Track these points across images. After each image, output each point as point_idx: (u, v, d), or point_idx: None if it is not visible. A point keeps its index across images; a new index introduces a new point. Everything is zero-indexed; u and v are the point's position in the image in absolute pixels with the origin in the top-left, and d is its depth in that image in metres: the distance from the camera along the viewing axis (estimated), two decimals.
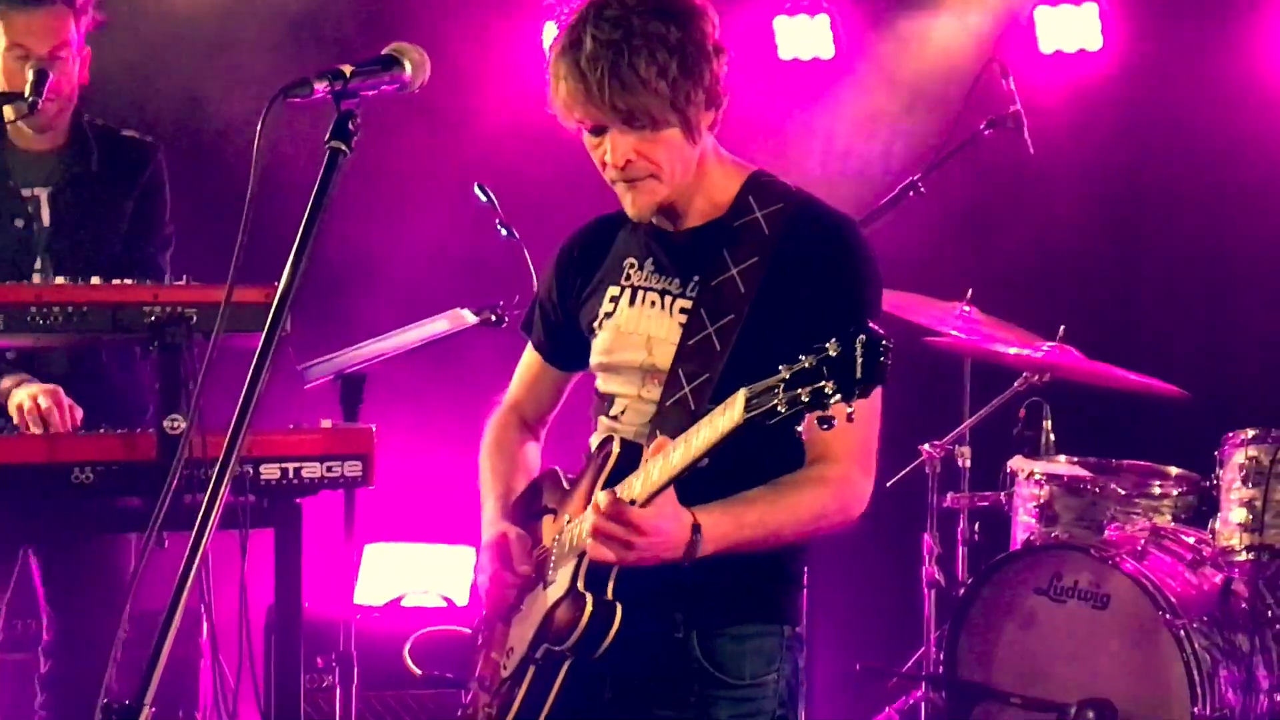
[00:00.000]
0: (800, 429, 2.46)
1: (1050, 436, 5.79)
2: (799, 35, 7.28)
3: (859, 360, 2.37)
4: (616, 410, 3.07)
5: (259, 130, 2.59)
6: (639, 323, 3.05)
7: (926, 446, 5.91)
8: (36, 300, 3.78)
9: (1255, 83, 6.75)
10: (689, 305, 2.98)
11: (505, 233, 5.19)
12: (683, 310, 2.99)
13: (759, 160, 3.13)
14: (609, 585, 2.83)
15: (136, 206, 4.53)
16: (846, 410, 2.40)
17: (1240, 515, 5.16)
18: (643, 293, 3.06)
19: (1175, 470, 5.58)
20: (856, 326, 2.40)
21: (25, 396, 4.07)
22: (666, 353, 2.98)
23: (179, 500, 2.65)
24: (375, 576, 6.14)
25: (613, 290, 3.11)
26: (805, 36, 7.28)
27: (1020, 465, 5.67)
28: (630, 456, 2.88)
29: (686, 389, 2.91)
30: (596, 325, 3.12)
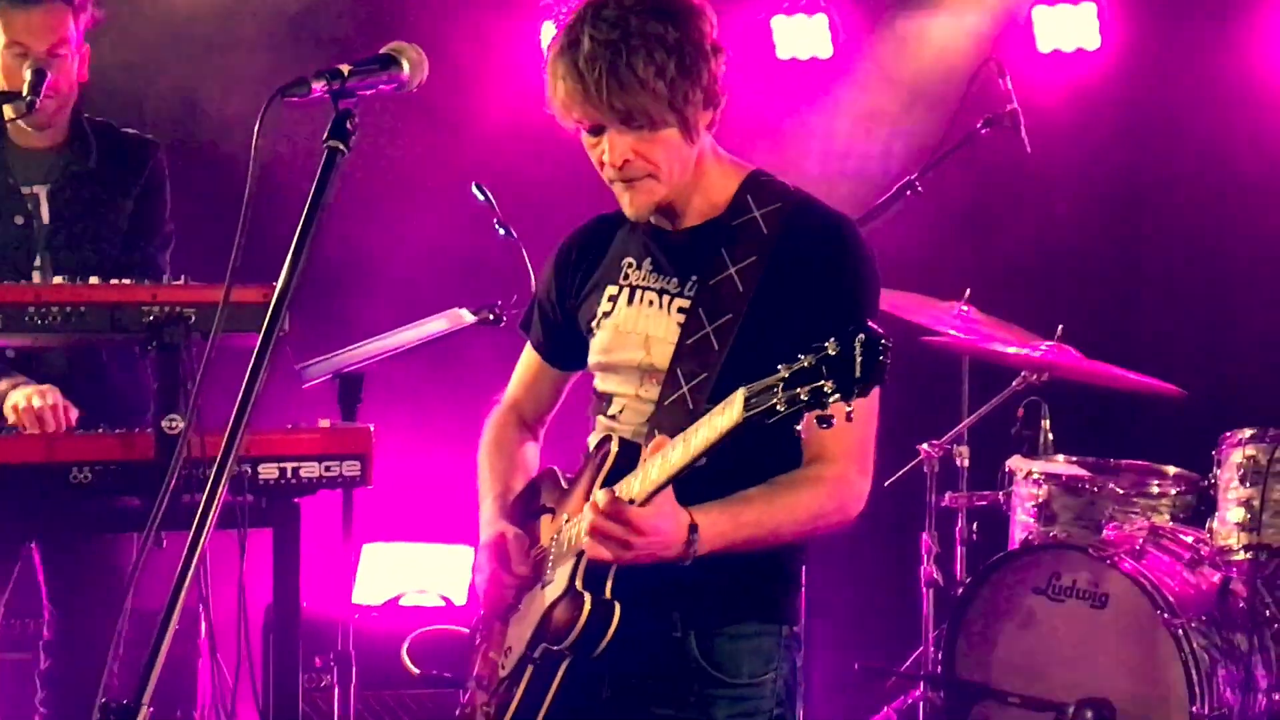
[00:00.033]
0: (799, 428, 2.46)
1: (1048, 436, 5.79)
2: (797, 35, 7.27)
3: (858, 360, 2.37)
4: (615, 410, 3.07)
5: (257, 130, 2.59)
6: (637, 322, 3.05)
7: (925, 446, 5.90)
8: (35, 300, 3.78)
9: (1253, 82, 6.75)
10: (687, 305, 2.98)
11: (503, 232, 5.19)
12: (681, 310, 2.99)
13: (757, 160, 3.13)
14: (607, 584, 2.83)
15: (136, 205, 4.53)
16: (845, 409, 2.40)
17: (1238, 514, 5.16)
18: (641, 292, 3.06)
19: (1173, 470, 5.58)
20: (856, 326, 2.39)
21: (21, 397, 4.07)
22: (665, 352, 2.98)
23: (177, 500, 2.65)
24: (373, 576, 6.14)
25: (611, 290, 3.11)
26: (803, 36, 7.27)
27: (1018, 465, 5.66)
28: (629, 456, 2.87)
29: (685, 388, 2.91)
30: (595, 324, 3.12)
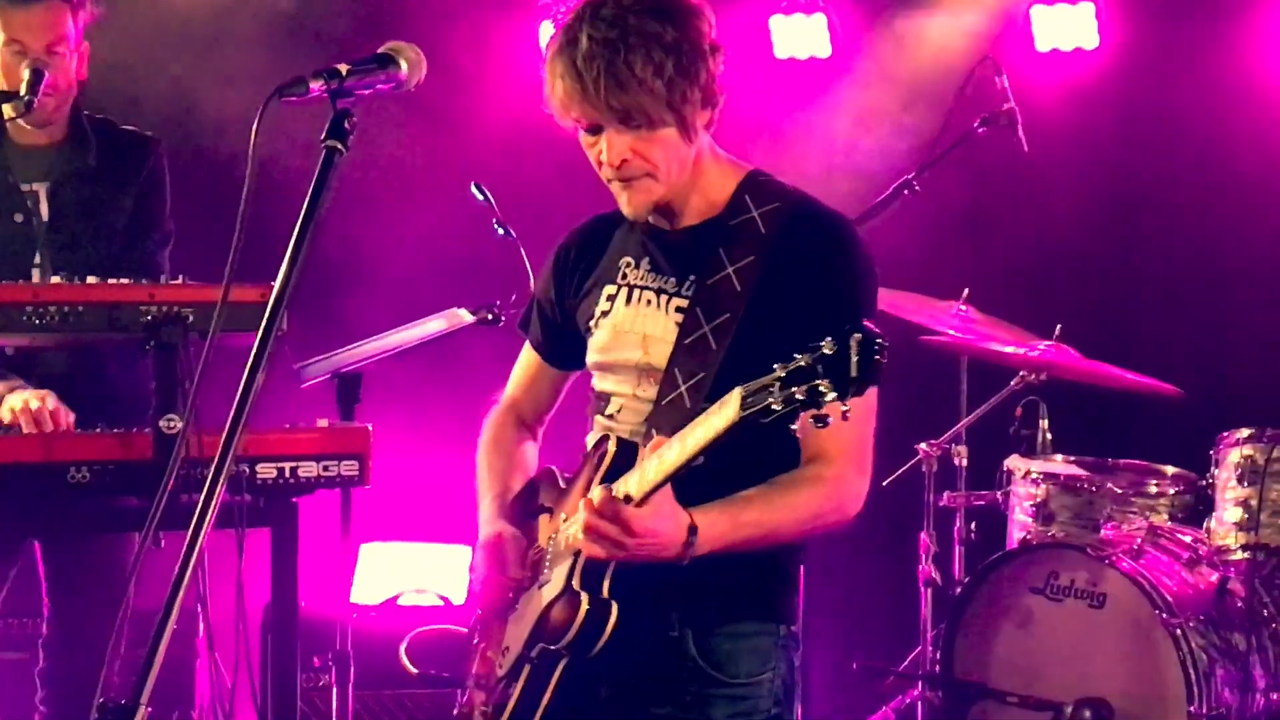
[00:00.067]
0: (795, 427, 2.46)
1: (1047, 435, 5.79)
2: (795, 34, 7.28)
3: (854, 359, 2.37)
4: (613, 409, 3.07)
5: (254, 129, 2.59)
6: (635, 321, 3.05)
7: (923, 445, 5.90)
8: (33, 300, 3.77)
9: (1251, 81, 6.76)
10: (685, 304, 2.98)
11: (502, 232, 5.19)
12: (679, 309, 2.99)
13: (755, 160, 3.13)
14: (604, 584, 2.83)
15: (136, 202, 4.53)
16: (841, 409, 2.40)
17: (1236, 514, 5.16)
18: (639, 291, 3.06)
19: (1171, 469, 5.59)
20: (852, 325, 2.40)
21: (19, 400, 4.07)
22: (662, 351, 2.98)
23: (175, 499, 2.65)
24: (371, 576, 6.14)
25: (609, 289, 3.11)
26: (801, 35, 7.27)
27: (1017, 464, 5.67)
28: (626, 455, 2.87)
29: (682, 388, 2.92)
30: (593, 324, 3.12)
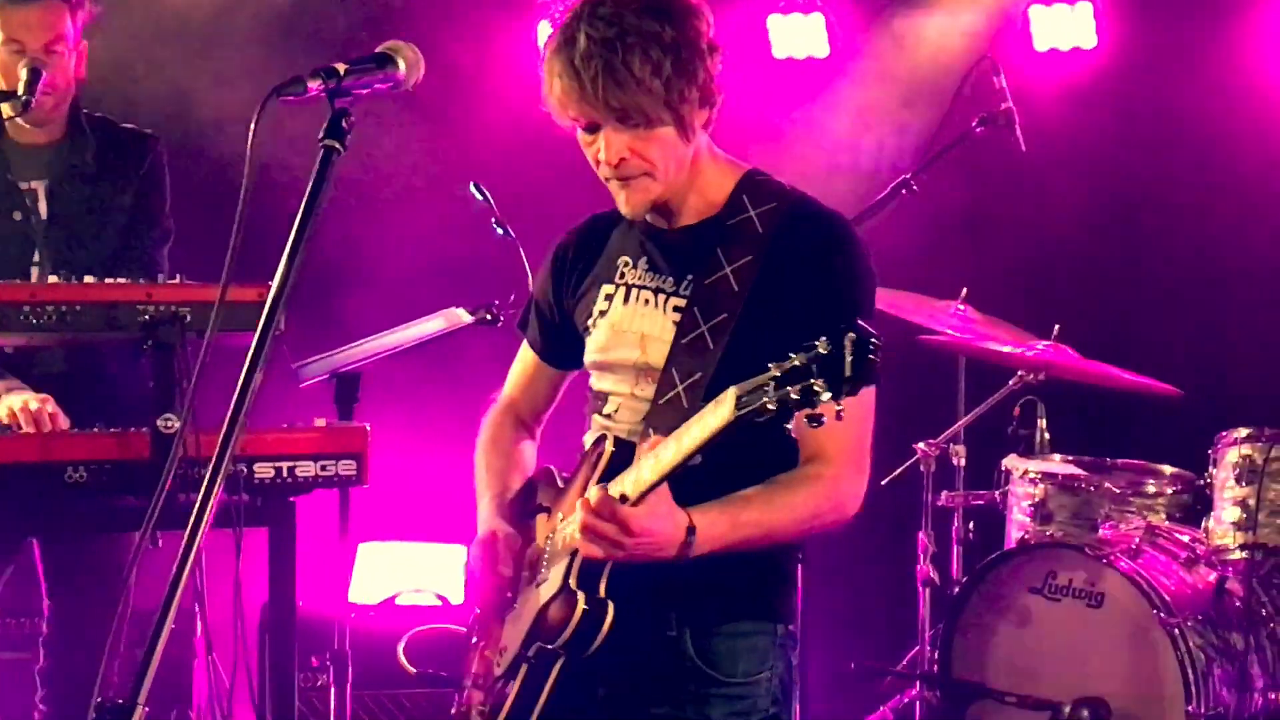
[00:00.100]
0: (790, 427, 2.46)
1: (1045, 435, 5.78)
2: (793, 34, 7.28)
3: (848, 358, 2.37)
4: (610, 408, 3.07)
5: (252, 129, 2.58)
6: (633, 321, 3.05)
7: (921, 445, 5.90)
8: (31, 299, 3.78)
9: (1249, 81, 6.76)
10: (683, 303, 2.98)
11: (501, 231, 5.18)
12: (676, 308, 2.99)
13: (753, 159, 3.13)
14: (601, 583, 2.83)
15: (135, 200, 4.53)
16: (836, 408, 2.40)
17: (1234, 514, 5.16)
18: (637, 291, 3.06)
19: (1169, 469, 5.59)
20: (846, 325, 2.40)
21: (17, 401, 4.07)
22: (660, 351, 2.98)
23: (173, 499, 2.65)
24: (369, 575, 6.14)
25: (607, 288, 3.11)
26: (799, 35, 7.27)
27: (1015, 464, 5.66)
28: (624, 455, 2.87)
29: (680, 387, 2.92)
30: (591, 323, 3.12)
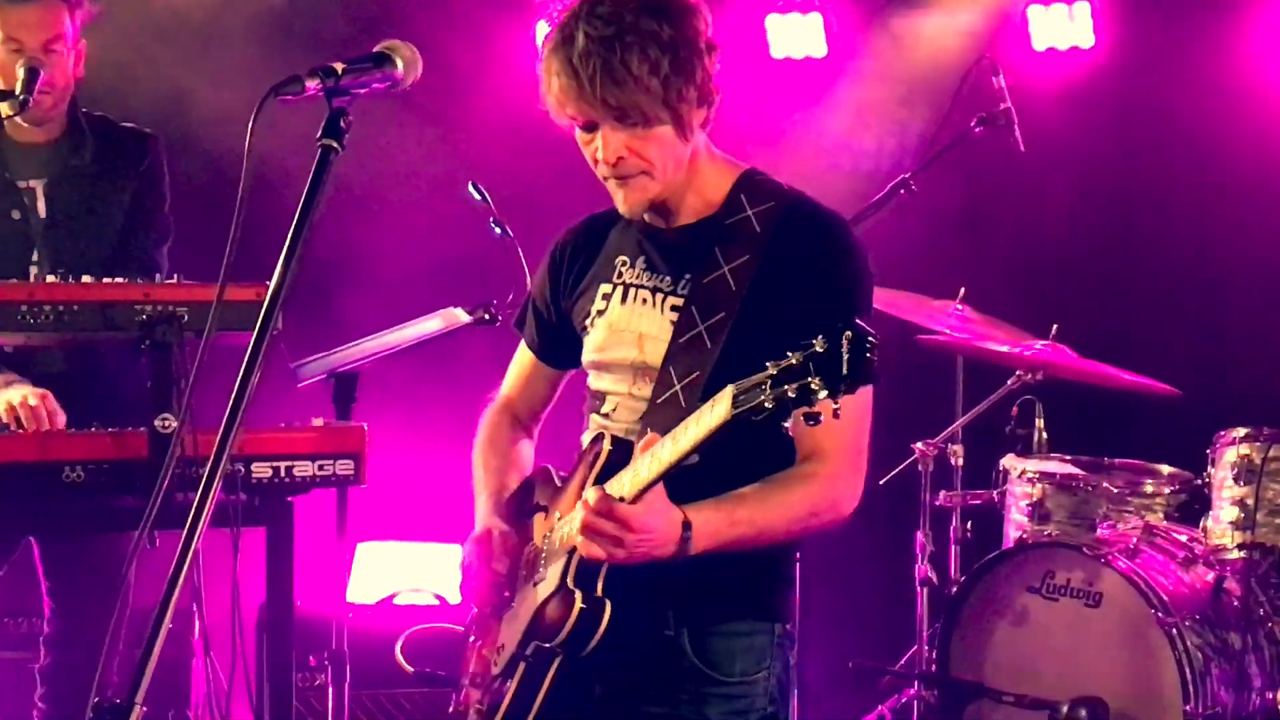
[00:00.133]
0: (788, 425, 2.47)
1: (1043, 435, 5.78)
2: (791, 33, 7.27)
3: (845, 357, 2.38)
4: (608, 408, 3.07)
5: (250, 128, 2.58)
6: (631, 320, 3.05)
7: (919, 445, 5.90)
8: (28, 299, 3.78)
9: (1248, 81, 6.76)
10: (680, 303, 2.98)
11: (499, 231, 5.18)
12: (674, 308, 2.99)
13: (751, 159, 3.14)
14: (599, 582, 2.83)
15: (133, 198, 4.54)
16: (833, 407, 2.40)
17: (1232, 513, 5.15)
18: (634, 290, 3.06)
19: (1167, 469, 5.58)
20: (843, 323, 2.40)
21: (16, 395, 4.07)
22: (658, 350, 2.98)
23: (170, 499, 2.66)
24: (367, 575, 6.14)
25: (605, 288, 3.11)
26: (798, 35, 7.26)
27: (1013, 463, 5.66)
28: (621, 454, 2.88)
29: (677, 386, 2.92)
30: (589, 323, 3.12)
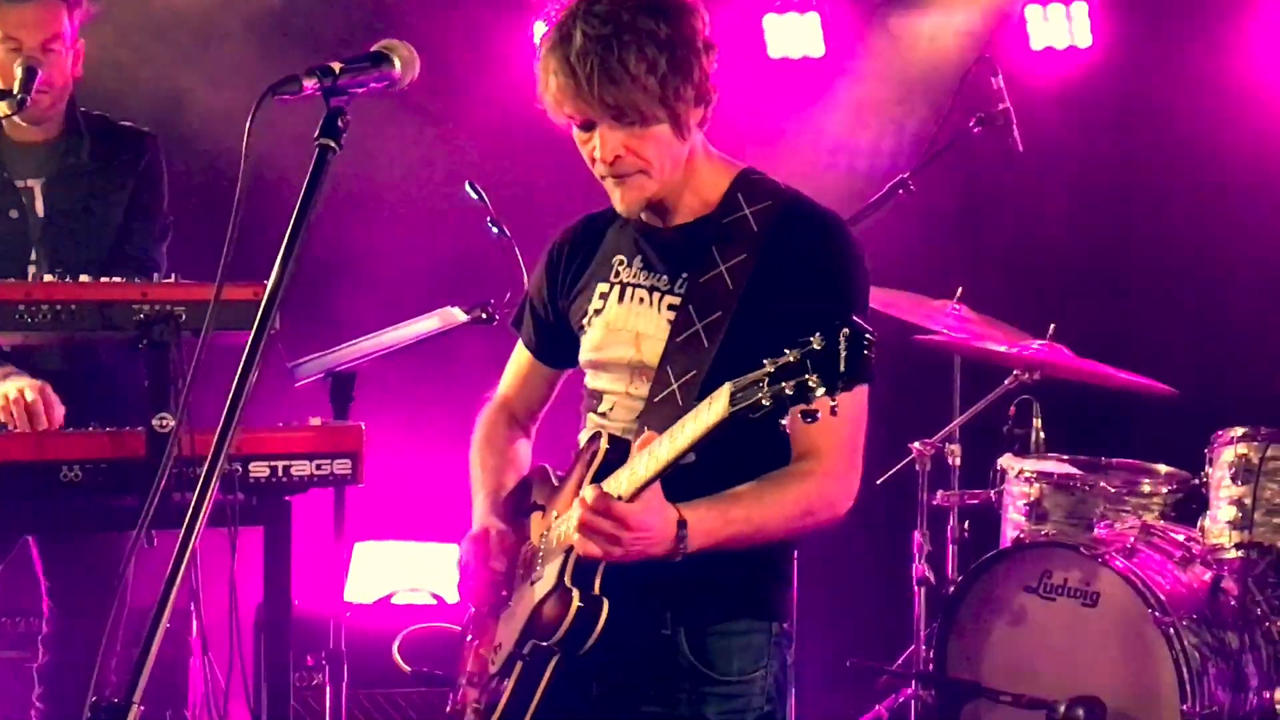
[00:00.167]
0: (785, 423, 2.47)
1: (1040, 434, 5.78)
2: (789, 33, 7.27)
3: (843, 354, 2.38)
4: (605, 407, 3.07)
5: (248, 128, 2.58)
6: (628, 319, 3.05)
7: (916, 444, 5.90)
8: (26, 298, 3.77)
9: (1245, 80, 6.76)
10: (677, 302, 2.99)
11: (496, 231, 5.18)
12: (671, 307, 2.99)
13: (749, 158, 3.14)
14: (596, 581, 2.84)
15: (132, 197, 4.53)
16: (830, 404, 2.40)
17: (1229, 513, 5.15)
18: (631, 289, 3.06)
19: (1165, 468, 5.59)
20: (840, 320, 2.40)
21: (13, 389, 4.06)
22: (655, 349, 2.98)
23: (168, 498, 2.66)
24: (365, 574, 6.14)
25: (602, 287, 3.11)
26: (795, 34, 7.26)
27: (1010, 463, 5.66)
28: (619, 452, 2.88)
29: (674, 385, 2.92)
30: (586, 322, 3.13)
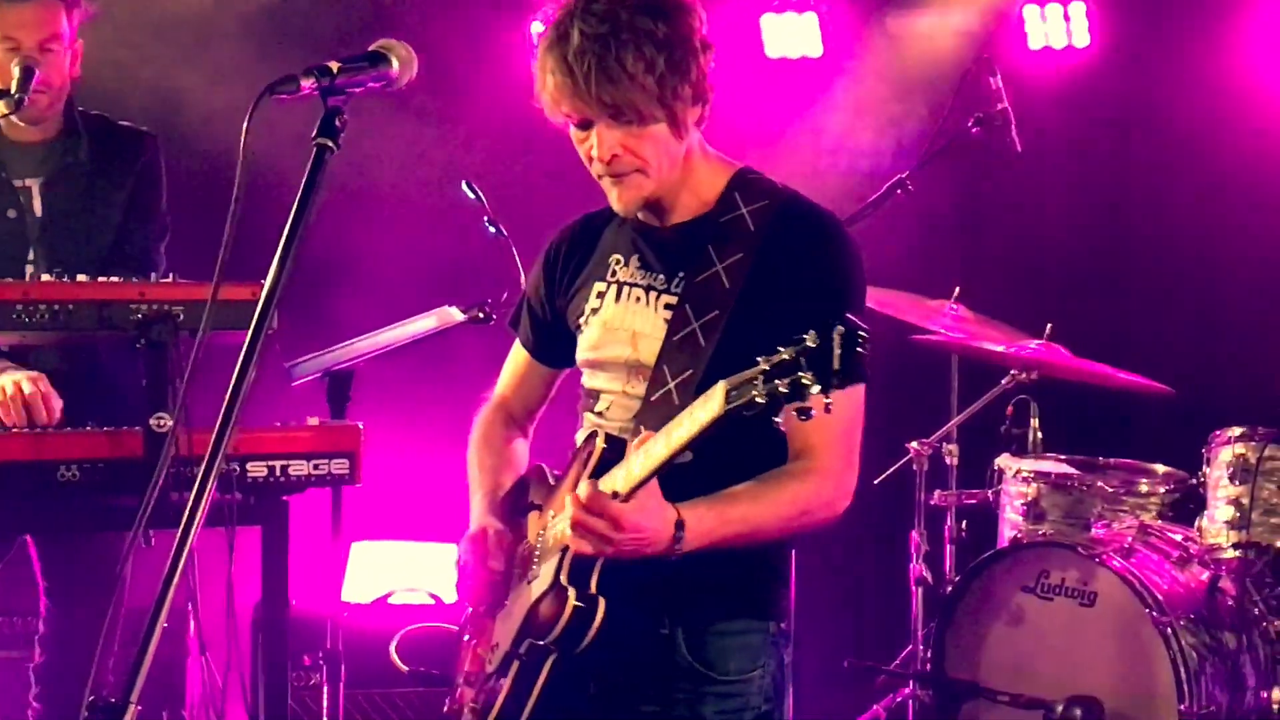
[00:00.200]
0: (779, 421, 2.47)
1: (1037, 434, 5.78)
2: (787, 33, 7.26)
3: (836, 351, 2.38)
4: (602, 406, 3.07)
5: (245, 127, 2.58)
6: (625, 318, 3.05)
7: (914, 444, 5.90)
8: (23, 298, 3.77)
9: (1243, 80, 6.76)
10: (674, 301, 2.99)
11: (493, 230, 5.18)
12: (668, 306, 2.99)
13: (747, 158, 3.14)
14: (592, 580, 2.84)
15: (131, 196, 4.53)
16: (825, 401, 2.41)
17: (1227, 513, 5.15)
18: (628, 288, 3.06)
19: (1162, 468, 5.59)
20: (834, 318, 2.40)
21: (9, 383, 4.06)
22: (651, 348, 2.98)
23: (165, 498, 2.65)
24: (362, 574, 6.14)
25: (599, 286, 3.11)
26: (793, 34, 7.25)
27: (1007, 463, 5.66)
28: (615, 451, 2.87)
29: (671, 384, 2.92)
30: (583, 321, 3.13)
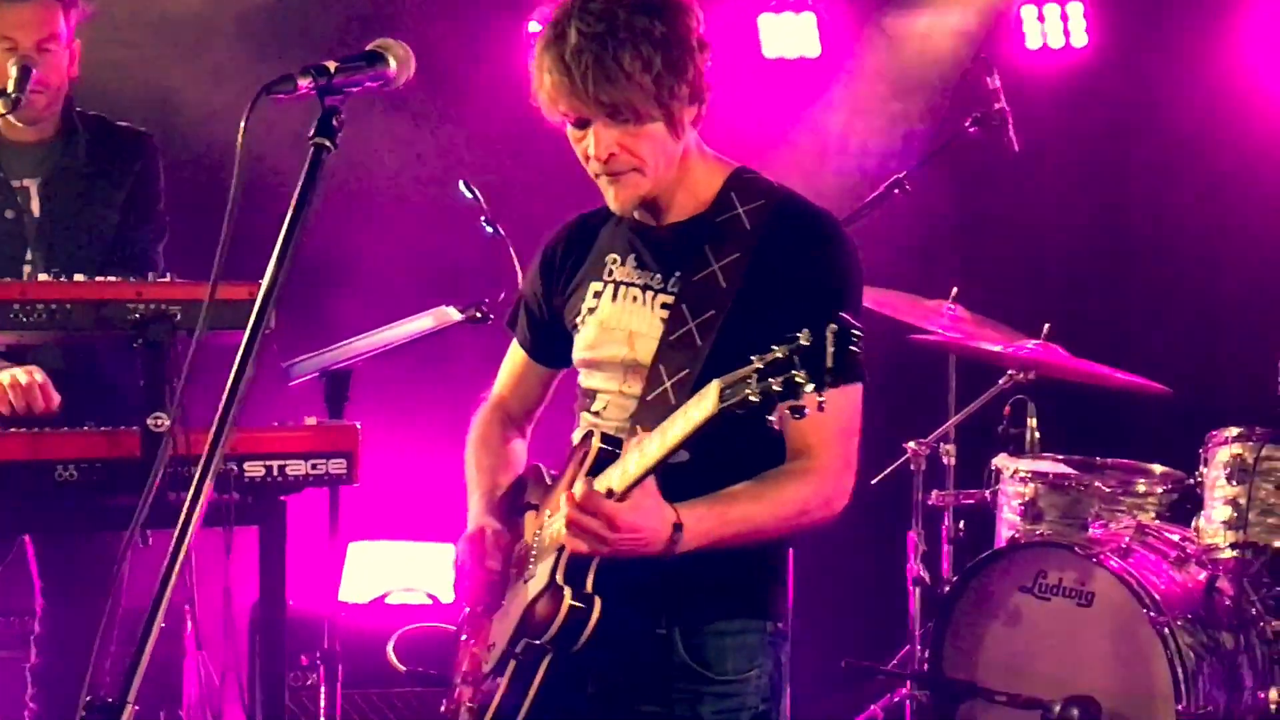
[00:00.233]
0: (773, 419, 2.47)
1: (1035, 434, 5.78)
2: (784, 33, 7.26)
3: (829, 349, 2.38)
4: (599, 406, 3.07)
5: (242, 127, 2.57)
6: (621, 318, 3.05)
7: (912, 444, 5.90)
8: (21, 297, 3.77)
9: (1239, 80, 6.76)
10: (670, 300, 2.99)
11: (490, 230, 5.18)
12: (664, 305, 2.99)
13: (744, 158, 3.14)
14: (588, 579, 2.84)
15: (129, 196, 4.53)
16: (818, 400, 2.41)
17: (1224, 513, 5.15)
18: (625, 288, 3.06)
19: (1160, 468, 5.59)
20: (828, 317, 2.40)
21: (6, 376, 4.06)
22: (648, 348, 2.98)
23: (163, 498, 2.64)
24: (360, 574, 6.14)
25: (595, 286, 3.11)
26: (791, 34, 7.25)
27: (1005, 463, 5.67)
28: (611, 451, 2.88)
29: (667, 384, 2.92)
30: (580, 321, 3.13)
